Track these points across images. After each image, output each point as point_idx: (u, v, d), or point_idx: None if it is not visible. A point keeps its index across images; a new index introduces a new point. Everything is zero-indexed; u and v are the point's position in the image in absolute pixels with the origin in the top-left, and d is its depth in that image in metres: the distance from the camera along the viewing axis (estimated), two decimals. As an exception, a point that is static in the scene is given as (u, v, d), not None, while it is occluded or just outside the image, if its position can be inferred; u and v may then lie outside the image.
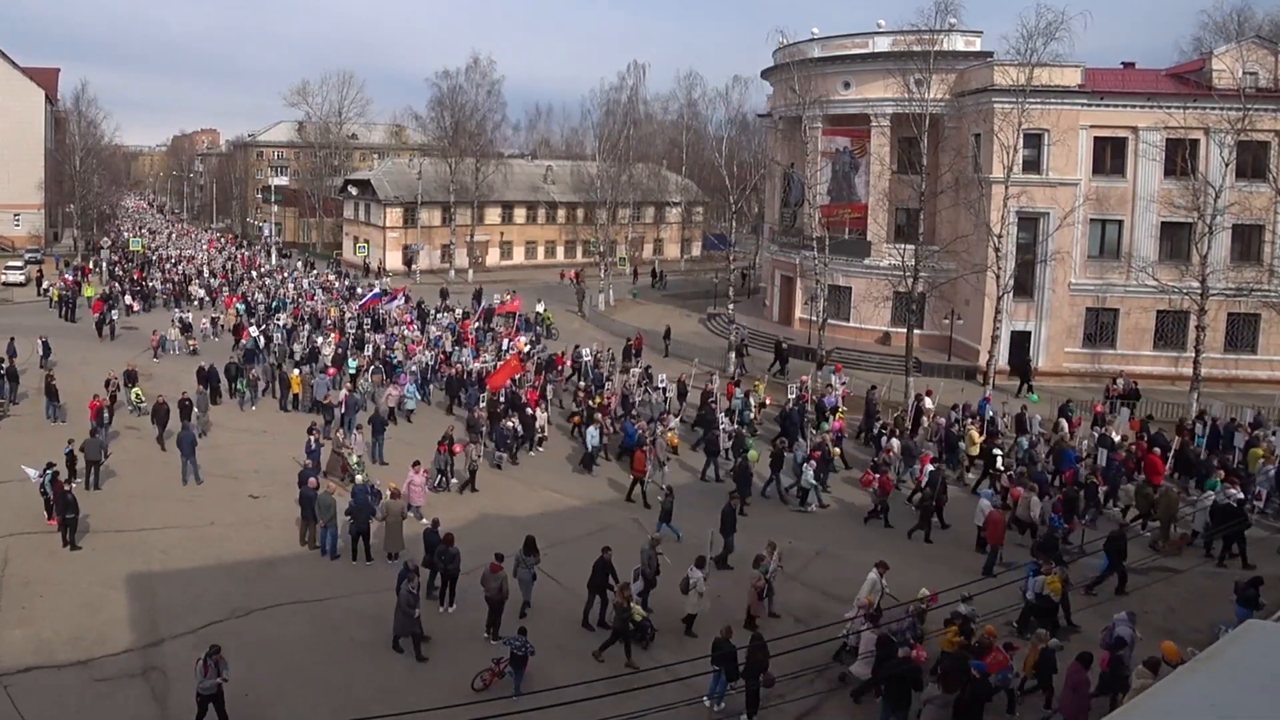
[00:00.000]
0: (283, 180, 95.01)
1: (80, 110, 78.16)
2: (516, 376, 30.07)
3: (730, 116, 65.79)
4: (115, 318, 41.11)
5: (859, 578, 18.33)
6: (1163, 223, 36.17)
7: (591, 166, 64.42)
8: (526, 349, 36.69)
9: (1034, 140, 35.45)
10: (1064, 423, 27.36)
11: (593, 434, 25.77)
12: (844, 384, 31.89)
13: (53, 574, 17.28)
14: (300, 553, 19.12)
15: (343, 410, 27.36)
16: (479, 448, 24.68)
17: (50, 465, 19.42)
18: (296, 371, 30.98)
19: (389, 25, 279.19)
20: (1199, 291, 31.69)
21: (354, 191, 74.91)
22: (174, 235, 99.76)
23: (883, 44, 40.65)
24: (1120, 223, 36.73)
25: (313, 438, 22.77)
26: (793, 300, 46.21)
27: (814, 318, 39.09)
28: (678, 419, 28.30)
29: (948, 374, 36.19)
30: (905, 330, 35.08)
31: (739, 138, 61.49)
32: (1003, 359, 35.52)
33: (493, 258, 73.23)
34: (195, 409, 25.64)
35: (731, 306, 39.85)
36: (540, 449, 27.24)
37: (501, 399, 28.10)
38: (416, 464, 21.16)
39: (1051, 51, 33.00)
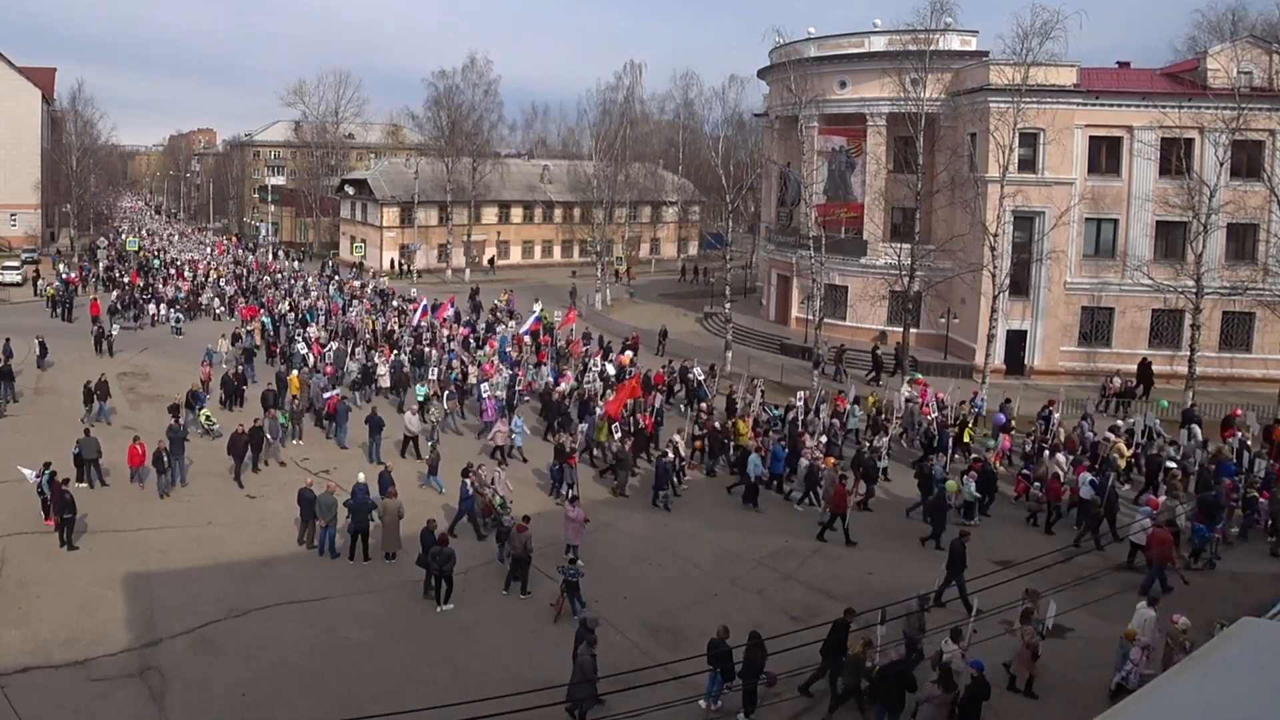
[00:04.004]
0: (279, 180, 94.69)
1: (77, 110, 77.93)
2: (631, 401, 26.77)
3: (727, 116, 66.35)
4: (114, 332, 36.93)
5: (855, 576, 18.39)
6: (1158, 222, 36.19)
7: (588, 166, 64.27)
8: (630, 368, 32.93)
9: (1029, 139, 35.40)
10: (1196, 429, 26.23)
11: (755, 462, 22.94)
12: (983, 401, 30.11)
13: (50, 574, 17.31)
14: (298, 552, 19.15)
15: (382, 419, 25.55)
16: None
17: (47, 465, 19.44)
18: (295, 373, 30.89)
19: (387, 25, 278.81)
20: (1194, 290, 31.79)
21: (351, 191, 74.72)
22: (175, 236, 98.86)
23: (879, 43, 40.62)
24: (1115, 222, 36.74)
25: (468, 481, 20.21)
26: (789, 299, 46.23)
27: (810, 317, 39.10)
28: (827, 440, 26.00)
29: (944, 373, 36.23)
30: (902, 329, 35.10)
31: (735, 137, 61.63)
32: (999, 358, 35.57)
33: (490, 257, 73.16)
34: (268, 435, 24.12)
35: (729, 306, 39.87)
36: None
37: (630, 428, 25.74)
38: (575, 500, 19.72)
39: (1047, 51, 32.91)
